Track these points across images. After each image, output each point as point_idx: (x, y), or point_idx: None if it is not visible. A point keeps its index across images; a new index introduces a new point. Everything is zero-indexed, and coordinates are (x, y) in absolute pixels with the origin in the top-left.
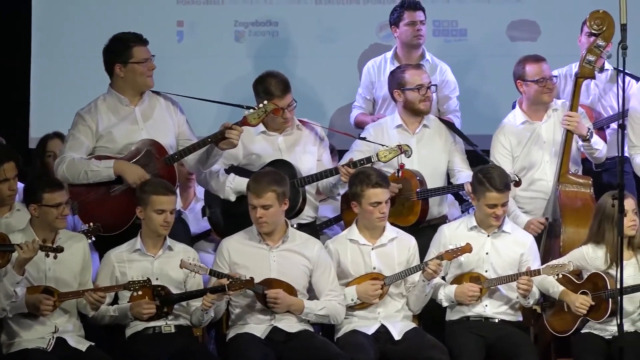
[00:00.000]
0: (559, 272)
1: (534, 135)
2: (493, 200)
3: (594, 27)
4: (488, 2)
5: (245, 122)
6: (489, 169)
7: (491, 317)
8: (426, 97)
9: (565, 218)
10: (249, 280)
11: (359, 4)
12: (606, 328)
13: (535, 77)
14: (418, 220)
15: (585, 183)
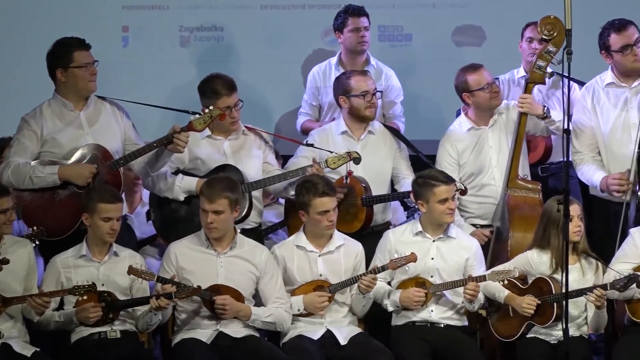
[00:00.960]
0: (503, 278)
1: (481, 140)
2: (444, 194)
3: (545, 32)
4: (433, 7)
5: (191, 128)
6: (429, 170)
7: (437, 322)
8: (371, 103)
9: (513, 223)
10: (196, 289)
11: (304, 9)
12: (551, 333)
13: (480, 86)
14: (362, 227)
15: (534, 188)
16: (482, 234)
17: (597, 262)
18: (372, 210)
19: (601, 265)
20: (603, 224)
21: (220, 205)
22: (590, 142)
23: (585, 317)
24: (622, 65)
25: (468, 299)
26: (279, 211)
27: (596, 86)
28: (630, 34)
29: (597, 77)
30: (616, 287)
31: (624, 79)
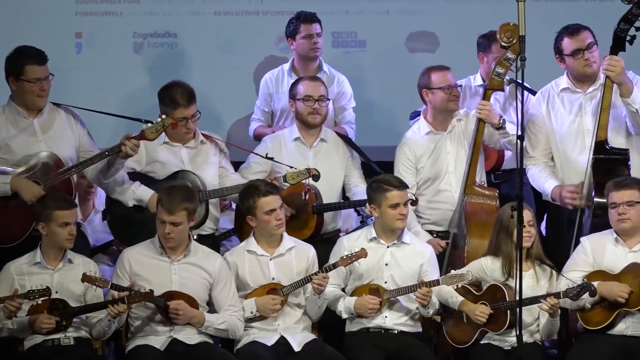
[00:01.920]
0: (457, 282)
1: (439, 146)
2: (395, 199)
3: (504, 39)
4: (387, 13)
5: (143, 136)
6: (382, 175)
7: (391, 329)
8: (314, 109)
9: (470, 229)
10: (148, 293)
11: (257, 16)
12: (505, 339)
13: (440, 85)
14: (313, 235)
15: (491, 195)
16: (437, 244)
17: (551, 269)
18: (323, 218)
19: (555, 273)
20: (557, 230)
21: (179, 217)
22: (543, 147)
23: (538, 324)
24: (574, 70)
25: (421, 303)
26: (232, 217)
27: (551, 91)
28: (583, 38)
29: (553, 83)
30: (569, 296)
31: (579, 84)
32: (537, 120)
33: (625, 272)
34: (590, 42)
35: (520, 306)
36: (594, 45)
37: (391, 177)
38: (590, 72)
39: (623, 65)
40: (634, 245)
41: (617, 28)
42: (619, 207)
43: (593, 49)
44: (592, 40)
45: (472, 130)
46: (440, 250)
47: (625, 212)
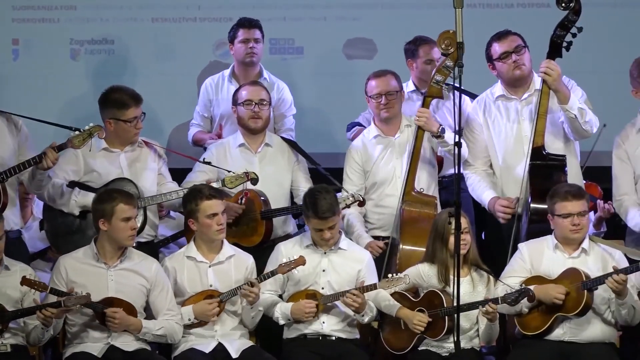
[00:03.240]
0: (395, 285)
1: (387, 150)
2: (318, 225)
3: (443, 47)
4: (324, 20)
5: (70, 144)
6: (316, 193)
7: (328, 335)
8: (255, 113)
9: (403, 236)
10: (84, 296)
11: (195, 22)
12: (443, 345)
13: (370, 93)
14: (262, 240)
15: (430, 202)
16: (376, 245)
17: (488, 274)
18: (272, 223)
19: (492, 278)
20: (496, 236)
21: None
22: (483, 155)
23: (476, 330)
24: (503, 74)
25: (350, 308)
26: (172, 224)
27: (487, 99)
28: (510, 42)
29: (488, 91)
30: (507, 301)
31: (513, 90)
32: (475, 129)
33: (562, 277)
34: (518, 45)
35: (457, 312)
36: (522, 49)
37: (323, 201)
38: (520, 74)
39: (560, 71)
40: (573, 251)
41: (554, 34)
42: (574, 217)
43: (522, 52)
44: (521, 43)
45: None
46: (379, 252)
47: (579, 222)
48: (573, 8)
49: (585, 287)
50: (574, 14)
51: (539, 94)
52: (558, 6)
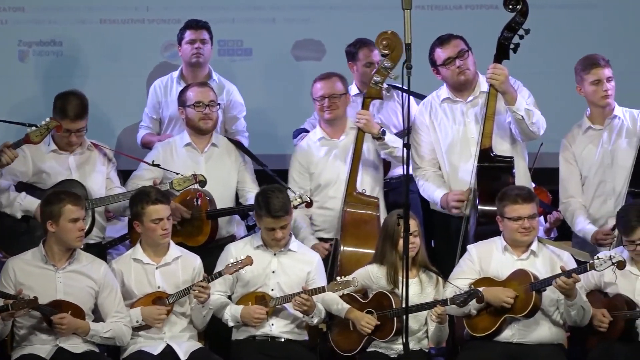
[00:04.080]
0: (343, 288)
1: (332, 152)
2: (270, 224)
3: (381, 47)
4: (273, 21)
5: (28, 140)
6: (269, 192)
7: (277, 337)
8: (205, 114)
9: (345, 237)
10: (32, 300)
11: (143, 24)
12: (392, 346)
13: (315, 95)
14: (208, 240)
15: (371, 203)
16: (322, 247)
17: (437, 276)
18: (217, 223)
19: (441, 280)
20: (444, 238)
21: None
22: (430, 157)
23: (425, 331)
24: (448, 79)
25: (299, 311)
26: (119, 226)
27: (433, 102)
28: (454, 47)
29: (434, 93)
30: (456, 303)
31: (458, 93)
32: (422, 131)
33: (510, 278)
34: (461, 50)
35: (406, 313)
36: (466, 53)
37: (276, 200)
38: (464, 79)
39: (507, 74)
40: (522, 253)
41: (501, 36)
42: (524, 220)
43: (465, 56)
44: (464, 47)
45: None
46: (325, 254)
47: (529, 224)
48: (520, 10)
49: (534, 288)
50: (521, 15)
51: (484, 95)
52: (505, 8)
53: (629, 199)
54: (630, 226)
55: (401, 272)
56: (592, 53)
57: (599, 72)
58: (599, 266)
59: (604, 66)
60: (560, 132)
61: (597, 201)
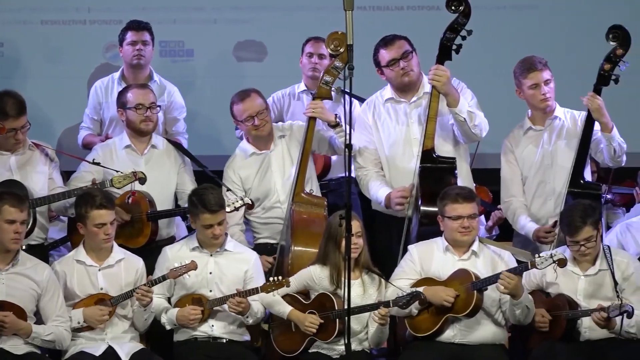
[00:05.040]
0: (276, 288)
1: (264, 165)
2: (208, 220)
3: (332, 48)
4: (215, 22)
5: None
6: (202, 190)
7: (218, 337)
8: (146, 117)
9: (295, 237)
10: None
11: (85, 25)
12: (334, 348)
13: (242, 117)
14: (148, 242)
15: (319, 203)
16: (265, 261)
17: (379, 277)
18: (157, 225)
19: (384, 281)
20: (386, 239)
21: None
22: (373, 157)
23: (367, 332)
24: (392, 80)
25: (234, 312)
26: (60, 227)
27: (377, 102)
28: (398, 48)
29: (378, 93)
30: (399, 305)
31: (402, 94)
32: (365, 131)
33: (452, 278)
34: (405, 51)
35: (348, 315)
36: (410, 54)
37: (211, 196)
38: (408, 80)
39: (449, 75)
40: (463, 253)
41: (444, 37)
42: (464, 219)
43: (409, 57)
44: (408, 49)
45: (297, 140)
46: (268, 267)
47: (469, 224)
48: (463, 11)
49: (475, 287)
50: (463, 16)
51: (428, 96)
52: (448, 9)
53: (569, 200)
54: (575, 226)
55: (344, 273)
56: (530, 55)
57: (537, 75)
58: (540, 264)
59: (541, 69)
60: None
61: (538, 201)
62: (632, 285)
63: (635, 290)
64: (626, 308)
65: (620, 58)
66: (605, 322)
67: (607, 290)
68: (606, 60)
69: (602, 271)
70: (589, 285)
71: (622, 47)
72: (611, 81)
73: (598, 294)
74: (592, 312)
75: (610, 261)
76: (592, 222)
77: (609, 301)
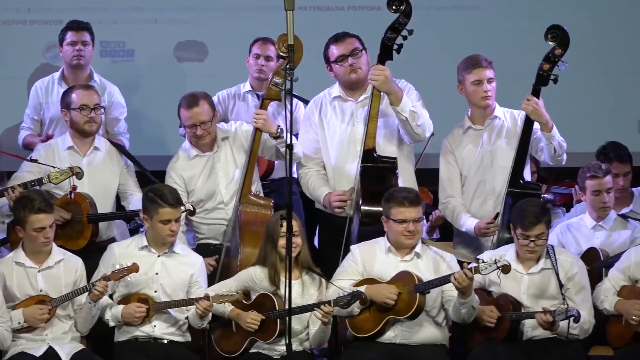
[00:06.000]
0: (227, 300)
1: (208, 166)
2: (167, 216)
3: (282, 49)
4: (155, 22)
5: None
6: (159, 186)
7: (160, 338)
8: (90, 118)
9: (244, 238)
10: None
11: (25, 25)
12: (275, 348)
13: (186, 123)
14: (88, 244)
15: (266, 204)
16: (208, 263)
17: (320, 277)
18: (98, 227)
19: (324, 281)
20: (328, 238)
21: None
22: (316, 156)
23: (307, 332)
24: (340, 76)
25: (200, 314)
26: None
27: (324, 100)
28: (348, 44)
29: (326, 91)
30: (340, 304)
31: (350, 92)
32: (310, 129)
33: (394, 280)
34: (355, 48)
35: (289, 315)
36: (360, 52)
37: (168, 192)
38: (356, 78)
39: (388, 74)
40: (405, 255)
41: (385, 37)
42: (409, 224)
43: (359, 55)
44: (359, 46)
45: (241, 143)
46: (211, 270)
47: (414, 228)
48: (404, 11)
49: (418, 290)
50: (404, 16)
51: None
52: (389, 9)
53: (508, 200)
54: (530, 221)
55: (283, 273)
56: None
57: (481, 72)
58: (483, 270)
59: (485, 67)
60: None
61: (477, 201)
62: (577, 285)
63: (579, 289)
64: (572, 313)
65: (559, 58)
66: (550, 324)
67: (551, 290)
68: (545, 60)
69: (546, 270)
70: (533, 285)
71: (561, 47)
72: (550, 81)
73: (542, 293)
74: (538, 315)
75: (554, 261)
76: (546, 221)
77: (553, 301)
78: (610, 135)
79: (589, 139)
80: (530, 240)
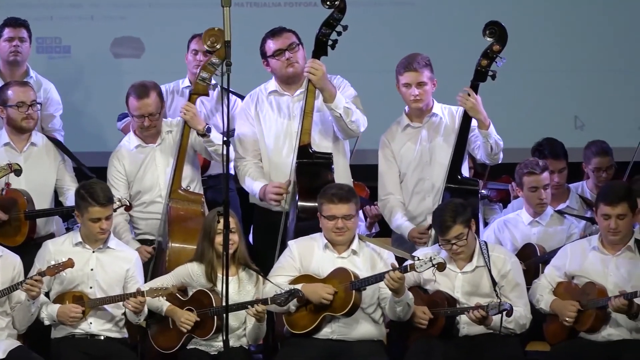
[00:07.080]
0: (161, 294)
1: (148, 158)
2: (96, 214)
3: (208, 44)
4: (92, 19)
5: None
6: (90, 184)
7: (97, 334)
8: (27, 114)
9: (172, 234)
10: None
11: None
12: (212, 344)
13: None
14: (25, 241)
15: (196, 199)
16: (145, 250)
17: (257, 273)
18: (35, 223)
19: (261, 277)
20: (263, 234)
21: None
22: (253, 149)
23: (244, 328)
24: (277, 71)
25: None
26: None
27: (260, 94)
28: (284, 39)
29: (262, 86)
30: (277, 302)
31: (286, 87)
32: (247, 121)
33: (331, 277)
34: (292, 43)
35: (227, 312)
36: (297, 46)
37: (100, 190)
38: (292, 72)
39: (324, 70)
40: (343, 251)
41: (319, 32)
42: (338, 220)
43: (296, 49)
44: (295, 41)
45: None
46: (147, 257)
47: (343, 225)
48: (338, 6)
49: (354, 287)
50: (339, 12)
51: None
52: (323, 5)
53: (446, 195)
54: (445, 226)
55: (220, 270)
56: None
57: (411, 76)
58: (419, 267)
59: (417, 69)
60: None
61: (416, 198)
62: (511, 282)
63: (514, 286)
64: (505, 307)
65: (497, 54)
66: (482, 319)
67: (485, 288)
68: (483, 56)
69: (480, 268)
70: (467, 282)
71: (499, 43)
72: (488, 77)
73: (476, 291)
74: (471, 310)
75: (487, 258)
76: (463, 221)
77: (487, 298)
78: (547, 132)
79: (526, 135)
80: (452, 244)
